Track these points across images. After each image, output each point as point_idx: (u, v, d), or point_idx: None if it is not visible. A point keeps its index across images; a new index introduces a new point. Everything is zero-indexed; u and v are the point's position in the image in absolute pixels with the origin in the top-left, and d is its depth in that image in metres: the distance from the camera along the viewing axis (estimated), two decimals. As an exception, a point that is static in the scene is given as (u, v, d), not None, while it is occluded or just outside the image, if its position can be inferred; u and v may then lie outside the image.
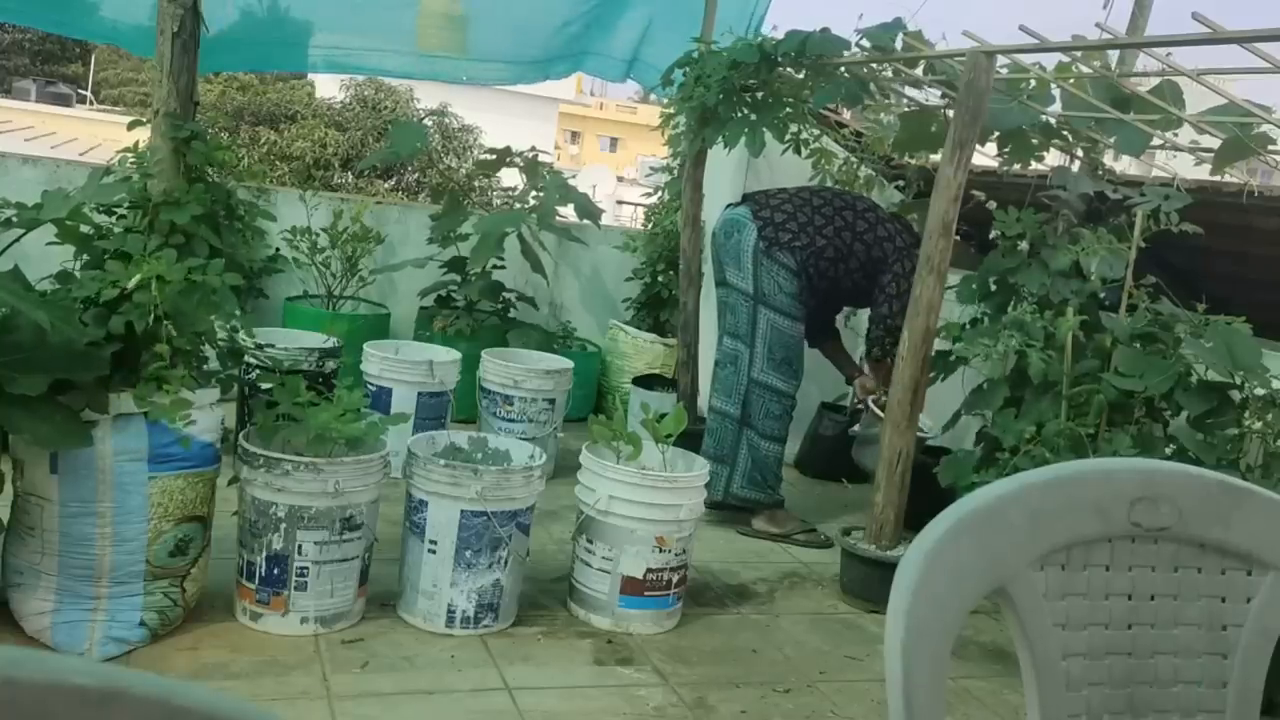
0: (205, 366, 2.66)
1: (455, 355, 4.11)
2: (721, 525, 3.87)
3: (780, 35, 3.84)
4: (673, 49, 4.38)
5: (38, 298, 2.31)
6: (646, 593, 2.94)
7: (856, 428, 4.08)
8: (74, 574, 2.42)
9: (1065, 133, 3.64)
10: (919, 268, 3.25)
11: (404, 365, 3.94)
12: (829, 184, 4.59)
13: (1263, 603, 1.07)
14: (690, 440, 3.29)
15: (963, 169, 3.13)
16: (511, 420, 4.08)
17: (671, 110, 4.40)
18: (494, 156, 5.08)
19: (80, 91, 22.65)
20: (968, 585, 0.97)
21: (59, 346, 2.28)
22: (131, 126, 3.16)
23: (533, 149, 5.03)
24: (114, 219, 2.74)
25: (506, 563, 2.79)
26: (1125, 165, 4.34)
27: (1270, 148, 3.18)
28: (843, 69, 3.78)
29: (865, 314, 4.88)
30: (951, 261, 3.25)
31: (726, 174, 4.70)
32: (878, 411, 3.65)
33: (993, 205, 3.53)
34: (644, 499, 2.89)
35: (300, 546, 2.60)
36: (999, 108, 3.36)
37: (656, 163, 6.48)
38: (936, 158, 3.66)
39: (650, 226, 5.65)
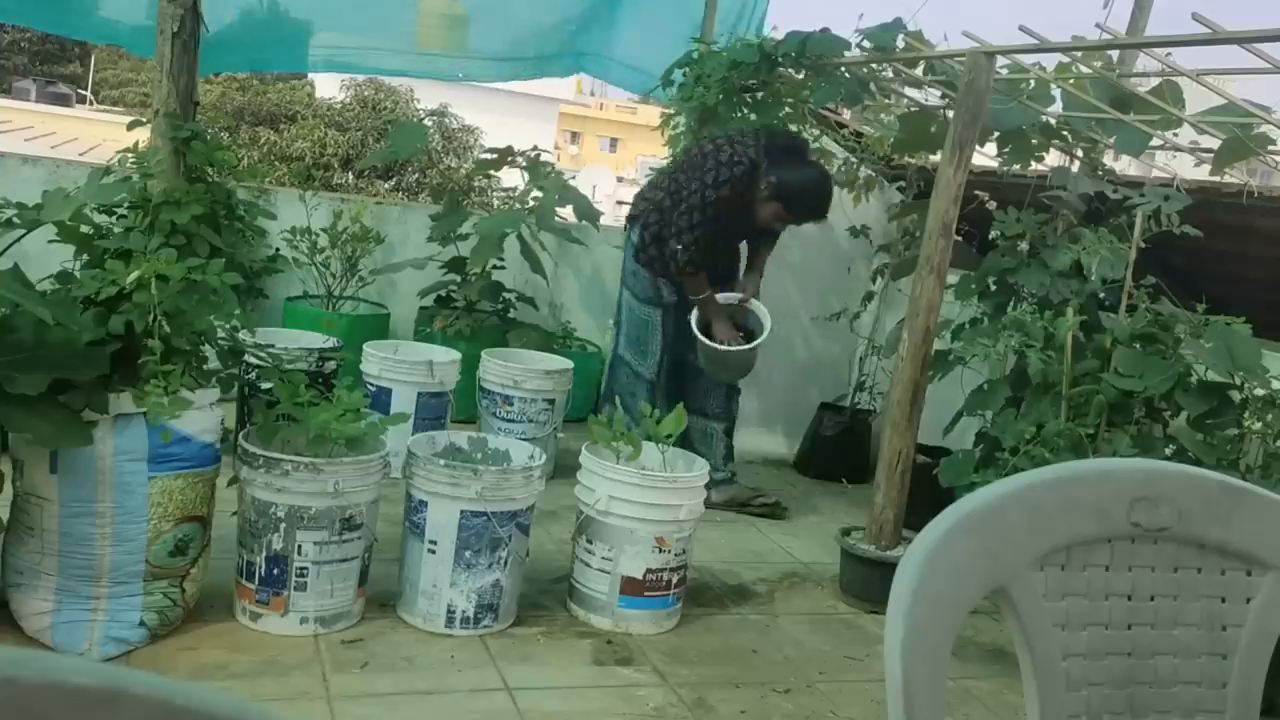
0: (205, 366, 2.66)
1: (455, 355, 4.11)
2: (722, 525, 3.87)
3: (780, 35, 3.85)
4: (674, 55, 4.37)
5: (39, 296, 2.31)
6: (646, 593, 2.94)
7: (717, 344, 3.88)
8: (74, 574, 2.42)
9: (1065, 133, 3.65)
10: (918, 268, 3.24)
11: (404, 365, 3.94)
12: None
13: (1263, 603, 1.07)
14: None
15: (963, 169, 3.13)
16: (511, 420, 4.07)
17: (671, 110, 4.40)
18: (494, 156, 5.08)
19: (80, 91, 22.64)
20: (968, 585, 0.97)
21: (59, 345, 2.27)
22: (131, 126, 3.15)
23: (534, 149, 5.02)
24: (114, 219, 2.73)
25: (506, 563, 2.79)
26: (1125, 165, 4.34)
27: (1270, 148, 3.18)
28: (843, 69, 3.78)
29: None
30: (951, 262, 3.25)
31: (726, 174, 4.69)
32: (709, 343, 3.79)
33: (993, 205, 3.53)
34: (644, 499, 2.89)
35: (300, 547, 2.60)
36: (999, 108, 3.36)
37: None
38: (936, 158, 3.66)
39: (650, 227, 5.64)
